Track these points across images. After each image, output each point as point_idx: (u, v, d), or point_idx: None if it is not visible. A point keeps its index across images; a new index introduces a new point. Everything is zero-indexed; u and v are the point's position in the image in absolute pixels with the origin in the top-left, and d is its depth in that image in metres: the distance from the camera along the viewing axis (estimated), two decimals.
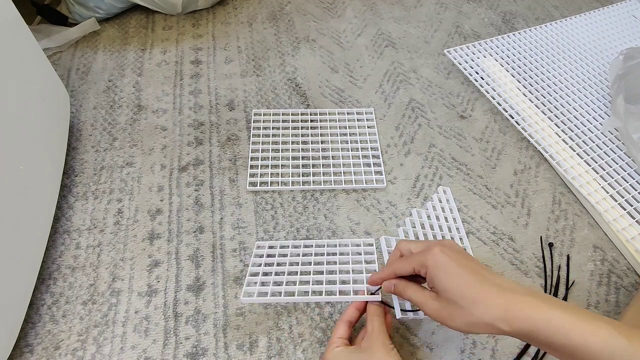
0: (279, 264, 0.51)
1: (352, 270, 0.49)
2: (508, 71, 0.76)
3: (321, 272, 0.49)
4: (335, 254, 0.52)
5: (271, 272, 0.50)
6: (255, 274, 0.49)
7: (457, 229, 0.57)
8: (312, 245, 0.54)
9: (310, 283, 0.47)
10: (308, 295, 0.46)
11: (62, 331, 0.49)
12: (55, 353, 0.47)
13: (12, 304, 0.45)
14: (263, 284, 0.48)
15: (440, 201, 0.59)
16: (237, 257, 0.55)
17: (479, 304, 0.33)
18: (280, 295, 0.45)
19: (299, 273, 0.49)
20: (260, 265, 0.51)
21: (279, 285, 0.47)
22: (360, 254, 0.52)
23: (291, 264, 0.50)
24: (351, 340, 0.44)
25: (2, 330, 0.43)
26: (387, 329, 0.42)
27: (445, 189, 0.61)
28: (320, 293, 0.46)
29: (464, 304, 0.34)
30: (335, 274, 0.48)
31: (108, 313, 0.50)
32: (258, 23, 0.86)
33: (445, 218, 0.57)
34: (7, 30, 0.50)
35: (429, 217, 0.56)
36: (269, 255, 0.53)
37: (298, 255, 0.52)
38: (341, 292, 0.46)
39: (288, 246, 0.54)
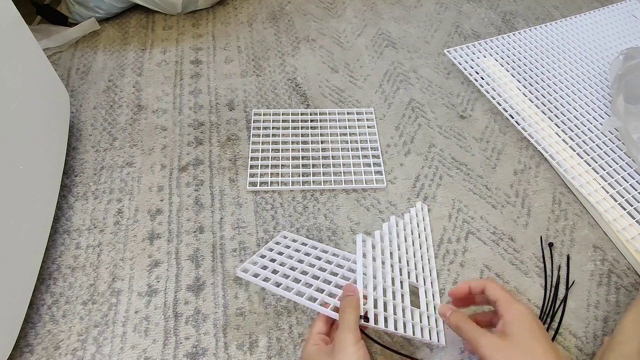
0: (289, 257, 0.50)
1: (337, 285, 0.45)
2: (508, 71, 0.76)
3: (317, 278, 0.46)
4: (343, 267, 0.48)
5: (275, 260, 0.49)
6: (262, 257, 0.49)
7: (427, 248, 0.55)
8: (327, 252, 0.51)
9: (300, 283, 0.45)
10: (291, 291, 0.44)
11: (62, 331, 0.49)
12: (55, 353, 0.47)
13: (12, 304, 0.45)
14: (265, 267, 0.47)
15: (410, 222, 0.55)
16: (237, 257, 0.55)
17: None
18: (268, 282, 0.44)
19: (297, 270, 0.47)
20: (271, 250, 0.51)
21: (274, 273, 0.46)
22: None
23: (298, 261, 0.49)
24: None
25: (2, 330, 0.43)
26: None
27: (423, 206, 0.59)
28: (309, 297, 0.43)
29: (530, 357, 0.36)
30: (329, 284, 0.45)
31: (108, 313, 0.50)
32: (258, 23, 0.86)
33: (418, 235, 0.54)
34: (7, 30, 0.50)
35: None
36: (286, 246, 0.52)
37: (309, 254, 0.50)
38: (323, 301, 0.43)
39: (307, 244, 0.53)
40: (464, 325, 0.40)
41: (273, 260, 0.49)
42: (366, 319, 0.39)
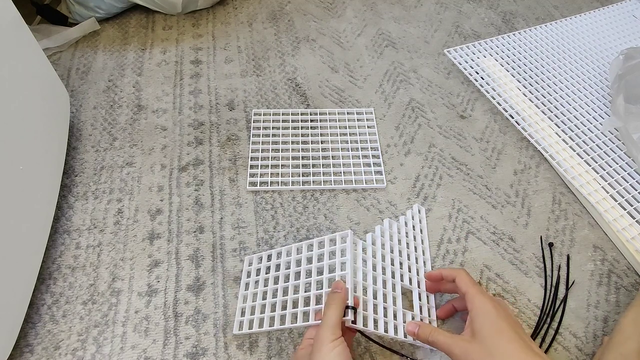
0: (265, 281, 0.50)
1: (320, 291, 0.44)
2: (508, 71, 0.76)
3: (298, 290, 0.46)
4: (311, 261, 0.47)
5: (257, 294, 0.49)
6: (245, 298, 0.50)
7: (423, 250, 0.54)
8: (290, 254, 0.50)
9: (289, 305, 0.45)
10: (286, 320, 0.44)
11: (62, 331, 0.49)
12: (55, 353, 0.47)
13: (12, 304, 0.45)
14: (252, 308, 0.48)
15: (406, 224, 0.55)
16: (237, 257, 0.55)
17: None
18: (263, 326, 0.45)
19: (279, 293, 0.47)
20: (248, 285, 0.51)
21: (262, 313, 0.47)
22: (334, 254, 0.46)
23: (274, 281, 0.49)
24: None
25: (2, 330, 0.43)
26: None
27: (420, 208, 0.59)
28: (296, 315, 0.44)
29: (498, 356, 0.36)
30: (310, 287, 0.45)
31: (108, 313, 0.50)
32: (258, 23, 0.86)
33: (414, 237, 0.54)
34: (7, 30, 0.50)
35: (390, 236, 0.51)
36: (256, 273, 0.52)
37: (278, 269, 0.49)
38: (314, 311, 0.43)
39: (271, 257, 0.52)
40: (433, 339, 0.41)
41: (255, 299, 0.49)
42: (353, 309, 0.40)
